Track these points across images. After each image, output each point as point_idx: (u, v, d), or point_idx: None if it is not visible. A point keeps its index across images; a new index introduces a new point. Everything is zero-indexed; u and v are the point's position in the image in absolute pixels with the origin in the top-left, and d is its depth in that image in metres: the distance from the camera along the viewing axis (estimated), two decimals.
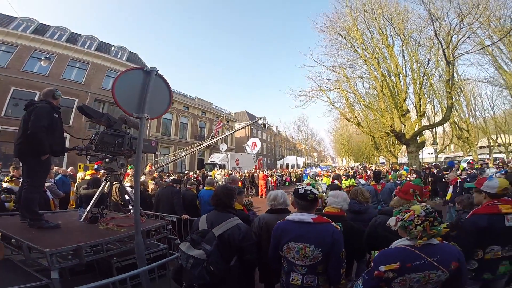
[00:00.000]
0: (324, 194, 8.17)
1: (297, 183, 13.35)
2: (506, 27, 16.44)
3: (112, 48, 22.50)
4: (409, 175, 12.47)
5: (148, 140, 3.94)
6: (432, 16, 14.10)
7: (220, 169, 20.16)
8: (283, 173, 25.27)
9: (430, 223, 1.51)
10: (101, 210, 3.47)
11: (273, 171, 24.92)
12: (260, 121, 17.57)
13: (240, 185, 15.02)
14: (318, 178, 12.46)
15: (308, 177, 9.96)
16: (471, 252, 2.10)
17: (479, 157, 24.60)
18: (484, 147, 29.13)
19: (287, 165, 41.54)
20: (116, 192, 4.46)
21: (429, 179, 10.65)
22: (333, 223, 1.88)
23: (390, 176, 13.11)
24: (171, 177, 8.13)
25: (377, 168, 18.32)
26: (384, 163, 30.27)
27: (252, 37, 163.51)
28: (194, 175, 16.29)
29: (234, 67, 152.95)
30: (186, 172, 18.27)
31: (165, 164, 17.28)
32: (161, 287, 2.82)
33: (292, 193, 2.09)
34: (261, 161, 32.77)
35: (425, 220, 1.52)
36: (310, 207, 1.94)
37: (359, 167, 24.39)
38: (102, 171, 5.17)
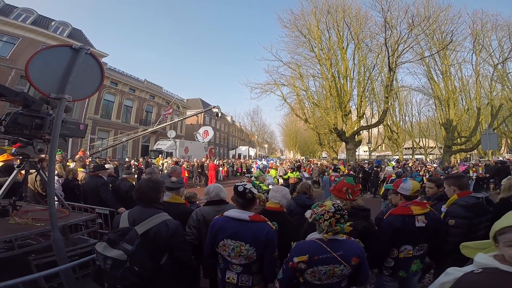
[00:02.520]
0: (270, 186, 8.50)
1: (246, 174, 13.56)
2: (445, 41, 18.71)
3: (53, 23, 19.71)
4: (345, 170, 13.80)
5: (75, 122, 3.50)
6: (386, 24, 15.42)
7: (167, 157, 19.25)
8: (234, 163, 25.38)
9: (336, 220, 1.63)
10: (13, 202, 2.99)
11: (224, 161, 24.83)
12: (214, 110, 17.29)
13: (187, 175, 14.63)
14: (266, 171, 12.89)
15: (256, 169, 10.25)
16: (388, 250, 2.20)
17: (404, 157, 28.41)
18: (408, 148, 33.71)
19: (239, 155, 41.86)
20: (35, 182, 3.88)
21: (360, 175, 11.98)
22: (269, 223, 1.86)
23: (330, 171, 14.30)
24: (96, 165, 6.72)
25: (319, 162, 19.74)
26: (326, 157, 32.73)
27: (214, 26, 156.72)
28: (136, 163, 15.24)
29: (192, 54, 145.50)
30: (126, 159, 16.91)
31: (102, 149, 15.73)
32: (85, 286, 2.60)
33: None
34: (213, 150, 32.32)
35: (333, 216, 1.62)
36: (248, 205, 1.91)
37: (304, 160, 25.88)
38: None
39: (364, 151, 36.00)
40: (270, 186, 8.64)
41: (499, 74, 21.60)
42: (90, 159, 7.99)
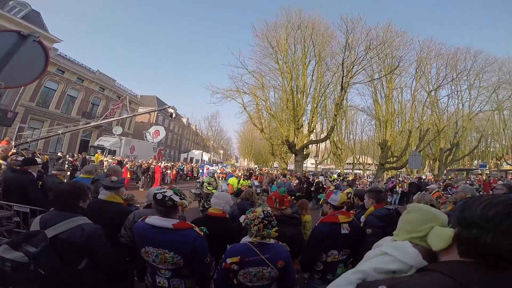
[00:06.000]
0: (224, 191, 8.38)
1: (197, 180, 13.25)
2: (393, 66, 20.88)
3: (11, 3, 17.51)
4: (292, 180, 14.50)
5: (3, 109, 3.08)
6: (347, 45, 16.76)
7: (109, 155, 17.70)
8: (185, 167, 24.51)
9: (264, 225, 1.77)
10: None
11: (174, 164, 23.82)
12: (170, 110, 16.56)
13: (129, 176, 13.66)
14: (217, 175, 12.76)
15: (206, 174, 10.06)
16: (318, 255, 2.35)
17: (345, 171, 31.10)
18: (350, 163, 36.99)
19: (191, 159, 40.62)
20: None
21: (305, 185, 12.76)
22: (196, 229, 1.84)
23: (279, 180, 14.90)
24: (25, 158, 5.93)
25: (270, 172, 20.37)
26: (277, 167, 33.97)
27: (184, 25, 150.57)
28: (71, 158, 13.65)
29: (158, 50, 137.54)
30: (59, 154, 15.00)
31: (31, 140, 13.74)
32: None
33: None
34: (162, 151, 30.78)
35: (261, 222, 1.77)
36: (169, 213, 1.85)
37: (256, 169, 26.45)
38: None
39: (312, 164, 38.37)
40: None
41: (431, 100, 25.02)
42: (15, 150, 6.83)
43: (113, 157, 17.10)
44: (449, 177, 24.89)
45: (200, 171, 20.45)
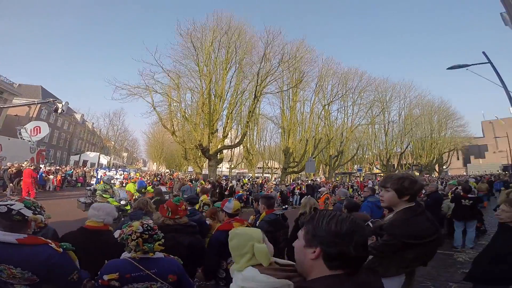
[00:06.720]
0: (123, 202, 7.34)
1: (87, 187, 11.33)
2: (299, 80, 23.19)
3: None
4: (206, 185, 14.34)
5: None
6: (265, 56, 17.62)
7: None
8: (74, 172, 20.60)
9: (144, 239, 1.69)
10: None
11: (59, 167, 19.69)
12: (59, 104, 13.43)
13: None
14: (116, 182, 11.27)
15: (102, 182, 8.70)
16: (219, 263, 2.37)
17: (256, 175, 33.03)
18: (260, 168, 39.57)
19: (84, 162, 34.55)
20: None
21: (217, 190, 12.86)
22: (52, 245, 1.63)
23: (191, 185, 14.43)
24: None
25: (182, 177, 19.54)
26: (192, 171, 32.96)
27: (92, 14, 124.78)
28: None
29: (55, 35, 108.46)
30: None
31: None
32: None
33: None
34: (44, 152, 25.08)
35: (140, 236, 1.68)
36: (17, 228, 1.58)
37: (167, 174, 24.88)
38: None
39: (227, 168, 39.12)
40: (122, 202, 7.58)
41: (325, 113, 29.67)
42: None
43: None
44: (337, 179, 30.03)
45: (96, 177, 17.58)
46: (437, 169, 41.56)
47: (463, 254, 5.54)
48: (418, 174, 34.30)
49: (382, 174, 33.23)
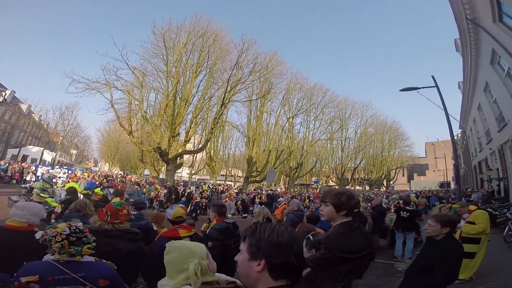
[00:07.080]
0: None
1: (22, 185, 10.03)
2: (267, 91, 23.58)
3: None
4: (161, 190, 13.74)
5: None
6: (238, 63, 17.55)
7: None
8: (10, 167, 18.07)
9: (70, 242, 1.59)
10: None
11: None
12: (1, 93, 11.78)
13: None
14: (58, 181, 10.18)
15: (41, 180, 7.78)
16: (162, 270, 2.36)
17: (218, 182, 32.53)
18: (223, 175, 39.08)
19: (24, 157, 30.62)
20: None
21: (173, 195, 12.37)
22: None
23: (145, 190, 13.67)
24: None
25: (136, 180, 18.40)
26: (148, 175, 31.23)
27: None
28: None
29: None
30: None
31: None
32: None
33: None
34: None
35: (66, 238, 1.58)
36: None
37: (119, 176, 23.18)
38: None
39: (187, 173, 37.86)
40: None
41: (289, 126, 30.57)
42: None
43: None
44: (295, 190, 30.92)
45: (36, 173, 15.70)
46: (385, 184, 45.38)
47: (402, 264, 5.93)
48: (369, 187, 37.12)
49: (337, 187, 35.17)
